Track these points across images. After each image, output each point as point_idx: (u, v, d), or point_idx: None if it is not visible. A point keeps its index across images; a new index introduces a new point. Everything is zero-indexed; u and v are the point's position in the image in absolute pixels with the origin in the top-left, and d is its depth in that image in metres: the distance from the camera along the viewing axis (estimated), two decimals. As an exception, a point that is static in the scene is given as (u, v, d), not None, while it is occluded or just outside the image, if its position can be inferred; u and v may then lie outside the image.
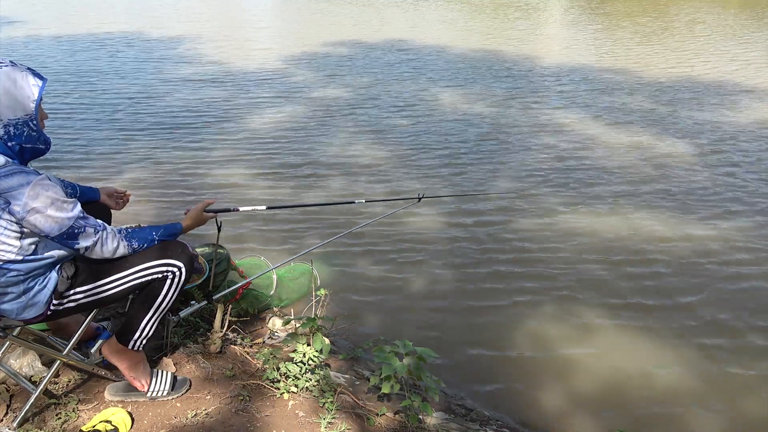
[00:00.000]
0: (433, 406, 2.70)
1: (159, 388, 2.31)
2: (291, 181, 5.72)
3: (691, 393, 3.13)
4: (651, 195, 5.45)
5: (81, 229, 1.91)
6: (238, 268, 3.32)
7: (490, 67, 10.77)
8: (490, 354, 3.40)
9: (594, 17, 17.29)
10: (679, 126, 7.44)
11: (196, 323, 2.93)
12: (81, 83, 9.39)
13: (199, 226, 2.34)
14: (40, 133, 1.92)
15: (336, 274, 4.08)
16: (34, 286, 1.97)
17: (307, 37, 14.03)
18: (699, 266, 4.29)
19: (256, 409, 2.35)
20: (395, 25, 15.53)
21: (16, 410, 2.19)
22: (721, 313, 3.76)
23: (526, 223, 4.93)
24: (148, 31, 14.49)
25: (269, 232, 4.66)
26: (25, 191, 1.79)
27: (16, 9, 17.86)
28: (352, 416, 2.43)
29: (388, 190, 5.54)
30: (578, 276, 4.15)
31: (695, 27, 15.07)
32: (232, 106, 8.22)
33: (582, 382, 3.20)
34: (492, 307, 3.82)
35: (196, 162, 6.16)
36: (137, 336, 2.20)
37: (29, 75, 1.87)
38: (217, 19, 17.13)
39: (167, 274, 2.13)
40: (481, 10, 18.69)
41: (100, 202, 2.51)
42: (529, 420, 2.94)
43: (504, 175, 5.93)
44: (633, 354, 3.41)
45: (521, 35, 14.25)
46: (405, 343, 2.58)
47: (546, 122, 7.60)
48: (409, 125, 7.45)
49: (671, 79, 9.80)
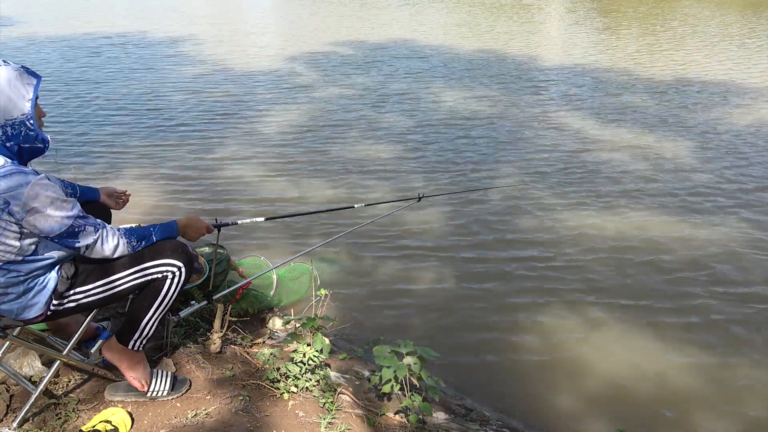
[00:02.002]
0: (433, 406, 2.70)
1: (159, 388, 2.31)
2: (292, 181, 5.72)
3: (690, 393, 3.13)
4: (653, 194, 5.44)
5: (81, 228, 1.91)
6: (238, 268, 3.32)
7: (491, 67, 10.77)
8: (491, 354, 3.40)
9: (595, 17, 17.28)
10: (682, 125, 7.43)
11: (196, 323, 2.93)
12: (81, 83, 9.38)
13: (197, 232, 2.29)
14: (37, 132, 1.91)
15: (336, 274, 4.08)
16: (34, 286, 1.96)
17: (307, 37, 14.03)
18: (701, 266, 4.28)
19: (256, 409, 2.35)
20: (396, 26, 15.53)
21: (16, 410, 2.19)
22: (726, 314, 3.75)
23: (527, 222, 4.92)
24: (148, 31, 14.48)
25: (269, 232, 4.66)
26: (24, 191, 1.79)
27: (16, 9, 17.86)
28: (352, 416, 2.43)
29: (389, 189, 5.54)
30: (580, 275, 4.15)
31: (698, 27, 15.06)
32: (232, 106, 8.21)
33: (582, 382, 3.20)
34: (492, 307, 3.81)
35: (196, 162, 6.16)
36: (137, 336, 2.20)
37: (23, 73, 1.87)
38: (218, 19, 17.13)
39: (167, 274, 2.13)
40: (482, 10, 18.68)
41: (100, 202, 2.51)
42: (529, 420, 2.93)
43: (505, 174, 5.93)
44: (634, 354, 3.41)
45: (522, 35, 14.24)
46: (405, 342, 2.58)
47: (547, 121, 7.59)
48: (409, 124, 7.44)
49: (674, 79, 9.79)
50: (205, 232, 2.33)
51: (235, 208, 5.12)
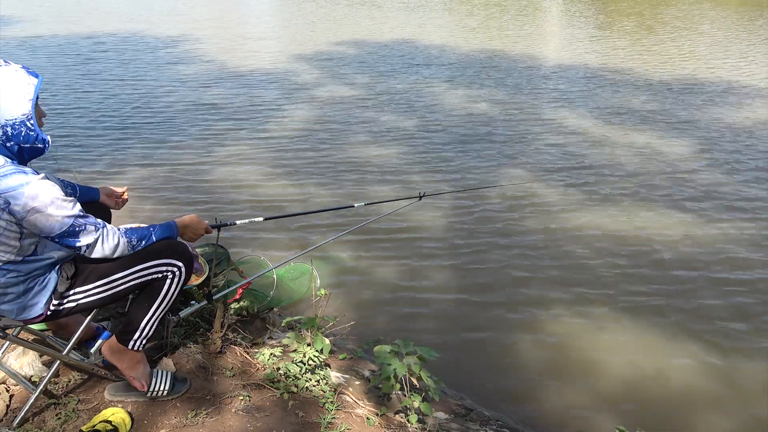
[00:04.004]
0: (433, 406, 2.70)
1: (159, 388, 2.31)
2: (292, 180, 5.72)
3: (691, 393, 3.13)
4: (656, 193, 5.44)
5: (81, 227, 1.90)
6: (238, 268, 3.32)
7: (492, 66, 10.77)
8: (491, 354, 3.39)
9: (597, 17, 17.27)
10: (684, 124, 7.43)
11: (196, 323, 2.92)
12: (81, 83, 9.38)
13: (196, 232, 2.28)
14: (38, 132, 1.91)
15: (336, 274, 4.08)
16: (34, 286, 1.96)
17: (307, 37, 14.03)
18: (704, 264, 4.28)
19: (255, 409, 2.35)
20: (396, 26, 15.53)
21: (16, 410, 2.19)
22: (731, 313, 3.75)
23: (529, 221, 4.92)
24: (147, 31, 14.48)
25: (269, 232, 4.66)
26: (24, 191, 1.79)
27: (16, 9, 17.86)
28: (352, 416, 2.43)
29: (390, 188, 5.54)
30: (581, 275, 4.15)
31: (700, 26, 15.06)
32: (232, 106, 8.21)
33: (583, 382, 3.19)
34: (493, 307, 3.81)
35: (196, 162, 6.16)
36: (137, 336, 2.20)
37: (24, 73, 1.87)
38: (219, 19, 17.13)
39: (167, 274, 2.13)
40: (482, 10, 18.68)
41: (100, 202, 2.51)
42: (529, 420, 2.93)
43: (506, 173, 5.93)
44: (634, 354, 3.40)
45: (523, 35, 14.24)
46: (405, 342, 2.58)
47: (548, 121, 7.59)
48: (410, 124, 7.44)
49: (675, 78, 9.79)
50: (204, 233, 2.33)
51: (234, 208, 5.12)
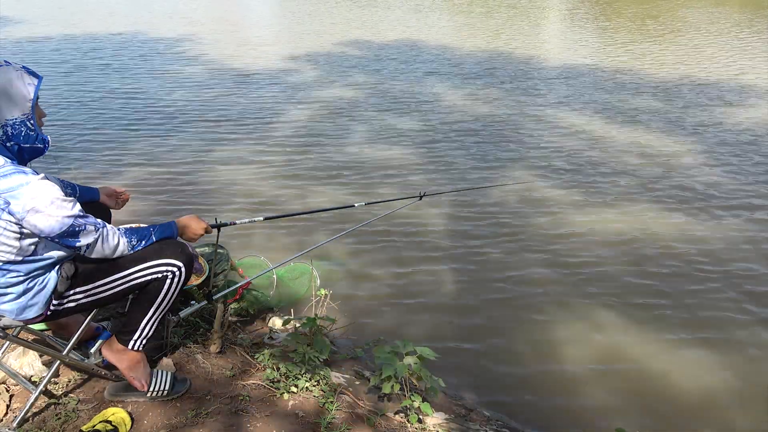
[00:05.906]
0: (433, 406, 2.70)
1: (159, 388, 2.31)
2: (293, 180, 5.72)
3: (694, 392, 3.12)
4: (660, 193, 5.44)
5: (82, 227, 1.90)
6: (238, 268, 3.32)
7: (493, 66, 10.77)
8: (491, 354, 3.39)
9: (598, 16, 17.27)
10: (686, 124, 7.43)
11: (196, 323, 2.92)
12: (81, 83, 9.38)
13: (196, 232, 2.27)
14: (38, 132, 1.91)
15: (336, 274, 4.08)
16: (34, 286, 1.96)
17: (307, 38, 14.03)
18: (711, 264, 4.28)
19: (256, 409, 2.35)
20: (396, 26, 15.52)
21: (16, 410, 2.19)
22: (732, 313, 3.75)
23: (529, 221, 4.92)
24: (147, 32, 14.48)
25: (269, 232, 4.66)
26: (24, 191, 1.79)
27: (16, 9, 17.86)
28: (352, 416, 2.43)
29: (390, 188, 5.54)
30: (582, 274, 4.15)
31: (700, 26, 15.05)
32: (233, 107, 8.21)
33: (583, 382, 3.19)
34: (493, 306, 3.81)
35: (196, 162, 6.16)
36: (137, 336, 2.20)
37: (24, 74, 1.87)
38: (219, 19, 17.13)
39: (167, 274, 2.13)
40: (482, 10, 18.67)
41: (100, 202, 2.51)
42: (529, 420, 2.93)
43: (507, 173, 5.93)
44: (635, 354, 3.40)
45: (524, 34, 14.24)
46: (405, 342, 2.58)
47: (550, 120, 7.59)
48: (410, 124, 7.44)
49: (678, 78, 9.78)
50: (204, 233, 2.32)
51: (234, 208, 5.12)
